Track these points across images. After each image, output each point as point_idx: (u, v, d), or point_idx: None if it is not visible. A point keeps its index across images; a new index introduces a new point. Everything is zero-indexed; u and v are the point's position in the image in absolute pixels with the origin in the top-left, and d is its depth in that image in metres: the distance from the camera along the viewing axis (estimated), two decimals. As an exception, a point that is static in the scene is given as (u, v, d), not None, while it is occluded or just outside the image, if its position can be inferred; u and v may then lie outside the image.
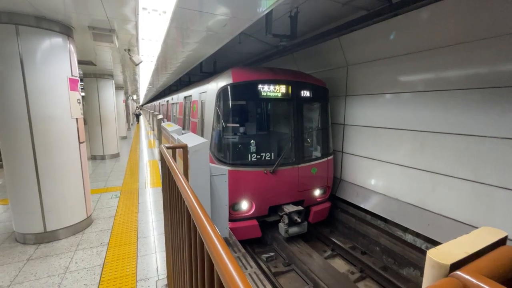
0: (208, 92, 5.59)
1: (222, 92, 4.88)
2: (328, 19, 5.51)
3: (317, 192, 5.55)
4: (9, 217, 4.32)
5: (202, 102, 6.08)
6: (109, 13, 3.29)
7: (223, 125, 4.82)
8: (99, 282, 2.81)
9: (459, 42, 3.83)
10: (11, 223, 3.93)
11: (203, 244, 0.85)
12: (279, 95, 5.08)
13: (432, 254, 0.59)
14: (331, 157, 5.74)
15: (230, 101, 4.83)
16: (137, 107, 37.87)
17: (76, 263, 3.14)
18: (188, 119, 7.94)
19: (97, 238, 3.72)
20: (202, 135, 5.66)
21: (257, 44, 7.45)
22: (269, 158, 4.96)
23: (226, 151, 4.81)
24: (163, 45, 4.76)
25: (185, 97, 8.47)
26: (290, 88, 5.16)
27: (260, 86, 4.89)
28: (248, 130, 5.68)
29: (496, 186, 3.64)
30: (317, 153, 5.66)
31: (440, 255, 0.59)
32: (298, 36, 5.51)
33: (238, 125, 5.20)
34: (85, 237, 3.74)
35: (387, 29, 4.61)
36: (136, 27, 3.81)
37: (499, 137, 3.57)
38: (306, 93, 5.33)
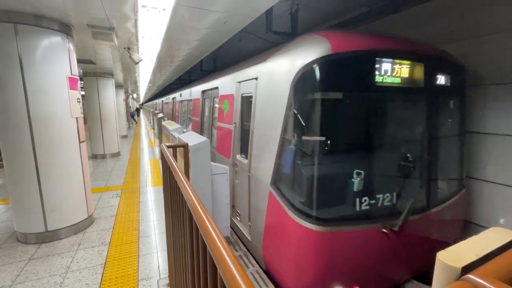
0: (262, 78, 3.23)
1: (307, 74, 2.46)
2: (329, 15, 5.47)
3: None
4: (10, 217, 4.32)
5: (243, 97, 3.78)
6: (109, 11, 3.26)
7: (308, 141, 2.45)
8: (101, 282, 2.80)
9: None
10: (12, 223, 3.93)
11: (206, 245, 0.83)
12: (407, 80, 2.64)
13: (443, 257, 0.57)
14: (464, 189, 3.34)
15: (326, 92, 2.39)
16: (130, 106, 30.98)
17: (77, 262, 3.14)
18: (209, 124, 5.47)
19: (98, 237, 3.72)
20: (246, 153, 3.43)
21: (257, 42, 7.40)
22: (388, 203, 2.63)
23: (314, 193, 2.36)
24: (163, 43, 4.73)
25: (203, 92, 5.97)
26: (423, 69, 2.72)
27: (378, 64, 2.47)
28: (355, 149, 2.81)
29: None
30: (451, 185, 3.28)
31: (451, 258, 0.57)
32: (299, 33, 5.47)
33: (339, 140, 2.63)
34: (86, 237, 3.73)
35: None
36: (135, 25, 3.79)
37: None
38: (442, 80, 2.92)
